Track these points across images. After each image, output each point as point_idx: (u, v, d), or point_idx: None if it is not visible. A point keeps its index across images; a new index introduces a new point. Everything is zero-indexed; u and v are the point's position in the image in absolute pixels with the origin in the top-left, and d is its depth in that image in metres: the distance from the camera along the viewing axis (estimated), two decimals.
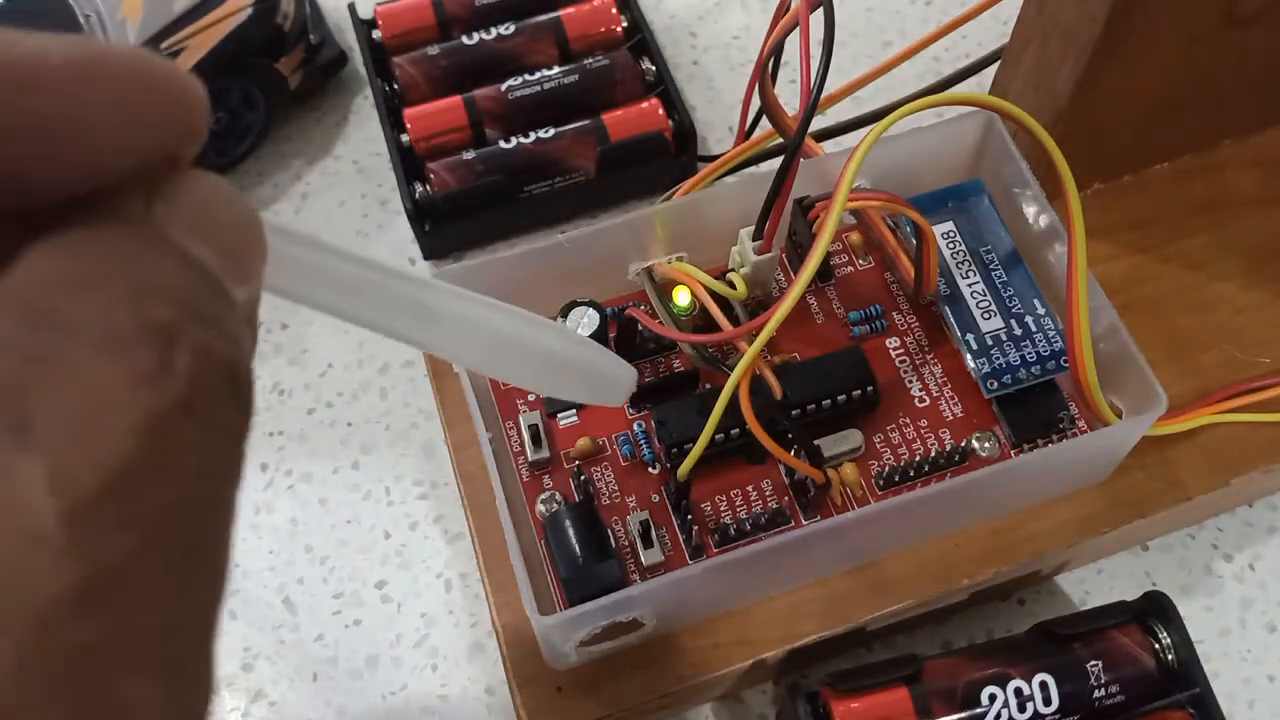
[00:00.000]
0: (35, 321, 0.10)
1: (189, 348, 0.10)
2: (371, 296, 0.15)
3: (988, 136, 0.34)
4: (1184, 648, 0.29)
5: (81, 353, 0.10)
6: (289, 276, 0.13)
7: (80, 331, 0.10)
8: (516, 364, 0.18)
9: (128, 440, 0.10)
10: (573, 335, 0.20)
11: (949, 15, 0.40)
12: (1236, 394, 0.32)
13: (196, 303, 0.11)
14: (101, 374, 0.10)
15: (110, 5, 0.38)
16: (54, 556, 0.09)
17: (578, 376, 0.20)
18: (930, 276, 0.31)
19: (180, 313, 0.10)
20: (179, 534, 0.10)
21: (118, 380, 0.10)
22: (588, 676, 0.29)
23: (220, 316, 0.11)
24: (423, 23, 0.42)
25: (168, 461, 0.10)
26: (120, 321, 0.10)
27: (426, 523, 0.35)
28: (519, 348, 0.18)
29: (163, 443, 0.10)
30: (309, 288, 0.14)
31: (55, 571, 0.09)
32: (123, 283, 0.10)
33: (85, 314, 0.10)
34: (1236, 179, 0.37)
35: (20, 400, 0.09)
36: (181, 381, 0.10)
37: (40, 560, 0.09)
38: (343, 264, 0.14)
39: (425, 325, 0.16)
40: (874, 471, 0.31)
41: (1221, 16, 0.31)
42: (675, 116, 0.40)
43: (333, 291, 0.14)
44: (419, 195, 0.38)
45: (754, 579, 0.29)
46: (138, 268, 0.10)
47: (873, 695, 0.28)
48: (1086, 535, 0.31)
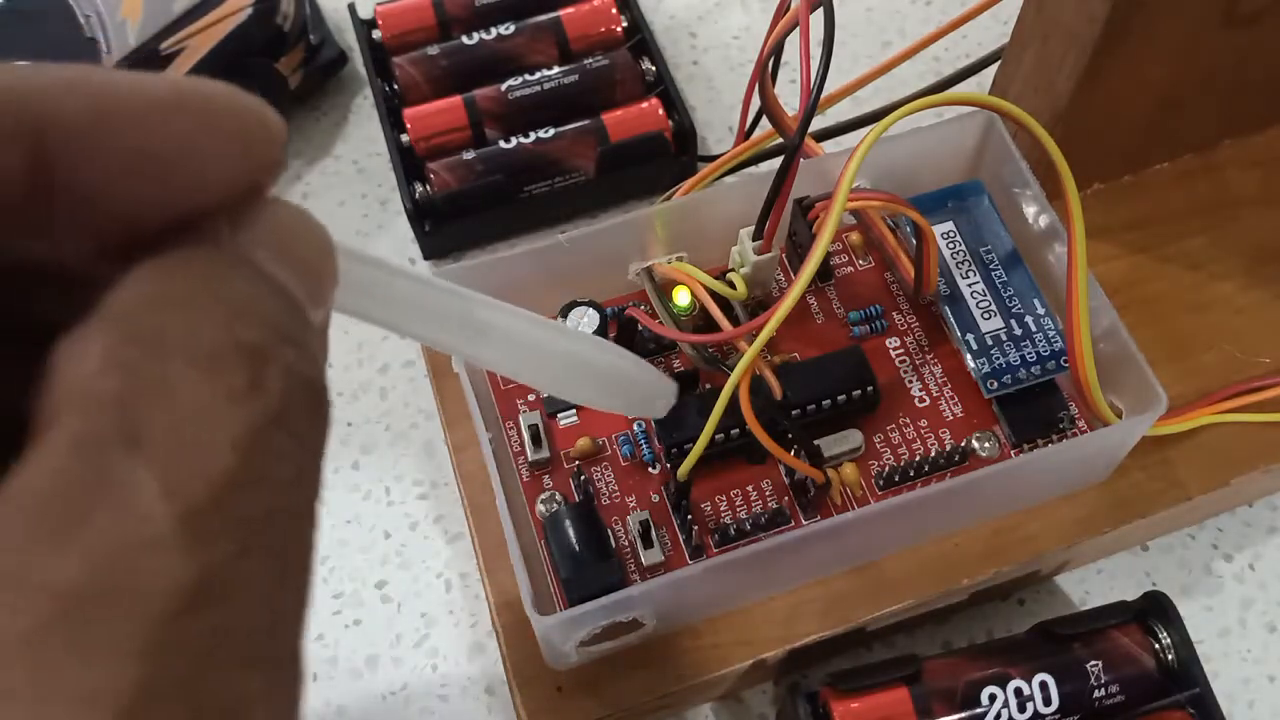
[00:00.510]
0: (141, 341, 0.10)
1: (278, 367, 0.11)
2: (432, 314, 0.16)
3: (988, 136, 0.34)
4: (1184, 648, 0.29)
5: (184, 371, 0.10)
6: (353, 296, 0.14)
7: (182, 351, 0.10)
8: (568, 379, 0.19)
9: (229, 452, 0.10)
10: (620, 350, 0.21)
11: (949, 15, 0.40)
12: (1236, 394, 0.32)
13: (282, 324, 0.11)
14: (203, 391, 0.10)
15: (110, 5, 0.38)
16: (172, 557, 0.10)
17: (624, 391, 0.21)
18: (930, 276, 0.31)
19: (269, 334, 0.11)
20: (277, 538, 0.11)
21: (218, 397, 0.10)
22: (588, 676, 0.29)
23: (302, 337, 0.12)
24: (423, 23, 0.42)
25: (264, 472, 0.11)
26: (217, 342, 0.11)
27: (426, 523, 0.35)
28: (570, 363, 0.19)
29: (259, 455, 0.11)
30: (375, 308, 0.15)
31: (174, 571, 0.10)
32: (218, 305, 0.11)
33: (186, 334, 0.10)
34: (1236, 179, 0.37)
35: (131, 414, 0.10)
36: (273, 398, 0.11)
37: (160, 560, 0.10)
38: (407, 284, 0.15)
39: (480, 341, 0.17)
40: (874, 471, 0.31)
41: (1222, 16, 0.31)
42: (675, 116, 0.40)
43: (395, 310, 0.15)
44: (419, 195, 0.38)
45: (754, 579, 0.29)
46: (229, 291, 0.11)
47: (873, 695, 0.28)
48: (1086, 535, 0.31)
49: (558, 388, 0.21)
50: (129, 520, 0.09)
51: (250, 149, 0.12)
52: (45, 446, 0.10)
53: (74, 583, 0.09)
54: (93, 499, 0.09)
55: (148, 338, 0.10)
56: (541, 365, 0.19)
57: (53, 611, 0.09)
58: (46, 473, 0.09)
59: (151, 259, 0.11)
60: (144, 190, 0.11)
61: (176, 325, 0.11)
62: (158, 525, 0.10)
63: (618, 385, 0.21)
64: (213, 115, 0.11)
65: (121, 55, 0.38)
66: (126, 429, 0.10)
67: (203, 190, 0.11)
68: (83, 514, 0.09)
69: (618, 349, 0.21)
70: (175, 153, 0.11)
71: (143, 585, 0.09)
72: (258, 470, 0.10)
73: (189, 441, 0.10)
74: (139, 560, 0.09)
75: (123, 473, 0.10)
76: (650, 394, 0.22)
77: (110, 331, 0.10)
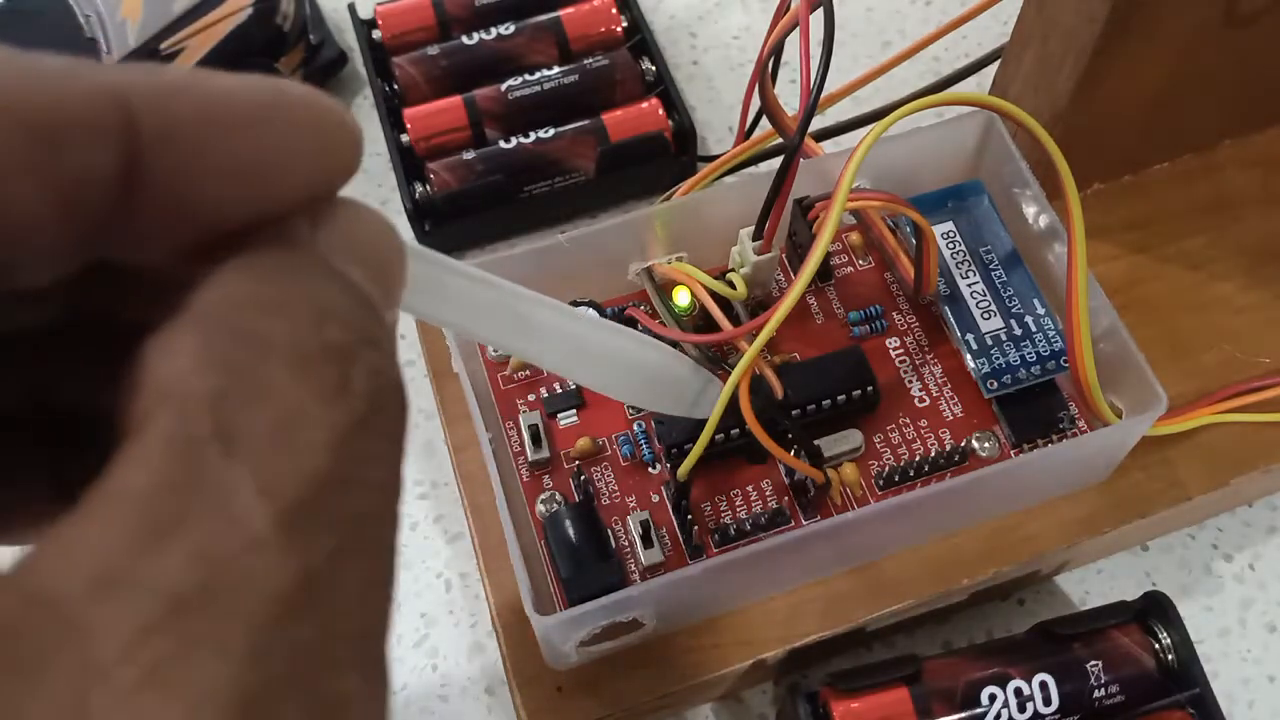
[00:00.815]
0: (234, 340, 0.10)
1: (363, 367, 0.11)
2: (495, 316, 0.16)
3: (988, 136, 0.34)
4: (1184, 648, 0.29)
5: (277, 371, 0.10)
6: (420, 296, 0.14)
7: (275, 351, 0.10)
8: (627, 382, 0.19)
9: (323, 453, 0.10)
10: (676, 354, 0.21)
11: (949, 15, 0.40)
12: (1236, 394, 0.32)
13: (363, 325, 0.11)
14: (295, 391, 0.10)
15: (110, 5, 0.38)
16: (270, 557, 0.10)
17: (678, 392, 0.21)
18: (930, 276, 0.31)
19: (353, 335, 0.11)
20: (369, 539, 0.11)
21: (310, 397, 0.10)
22: (588, 676, 0.29)
23: (380, 338, 0.12)
24: (423, 23, 0.42)
25: (355, 472, 0.11)
26: (308, 342, 0.11)
27: (426, 523, 0.35)
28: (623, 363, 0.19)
29: (351, 455, 0.11)
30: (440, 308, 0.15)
31: (275, 571, 0.10)
32: (305, 305, 0.11)
33: (276, 334, 0.11)
34: (1236, 179, 0.37)
35: (226, 414, 0.10)
36: (361, 399, 0.11)
37: (260, 560, 0.10)
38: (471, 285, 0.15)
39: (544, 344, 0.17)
40: (874, 471, 0.31)
41: (1222, 16, 0.31)
42: (675, 116, 0.40)
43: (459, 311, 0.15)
44: (419, 195, 0.38)
45: (754, 579, 0.29)
46: (315, 292, 0.11)
47: (873, 695, 0.28)
48: (1086, 535, 0.31)
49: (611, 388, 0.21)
50: (228, 520, 0.09)
51: (333, 151, 0.12)
52: (141, 446, 0.10)
53: (179, 583, 0.09)
54: (192, 499, 0.09)
55: (241, 337, 0.10)
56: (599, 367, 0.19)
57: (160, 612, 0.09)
58: (144, 473, 0.09)
59: (238, 259, 0.11)
60: (235, 192, 0.11)
61: (268, 325, 0.11)
62: (256, 525, 0.10)
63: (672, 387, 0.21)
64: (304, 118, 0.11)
65: (121, 55, 0.38)
66: (222, 428, 0.10)
67: (290, 192, 0.11)
68: (183, 514, 0.09)
69: (675, 351, 0.21)
70: (270, 156, 0.11)
71: (245, 585, 0.09)
72: (350, 471, 0.11)
73: (284, 441, 0.10)
74: (240, 560, 0.09)
75: (220, 472, 0.10)
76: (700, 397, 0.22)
77: (201, 330, 0.10)
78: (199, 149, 0.11)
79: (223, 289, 0.11)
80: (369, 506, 0.11)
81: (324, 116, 0.12)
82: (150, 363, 0.10)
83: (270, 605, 0.09)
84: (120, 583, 0.09)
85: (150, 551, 0.09)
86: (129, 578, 0.09)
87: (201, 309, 0.10)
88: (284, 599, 0.10)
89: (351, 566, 0.10)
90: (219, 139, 0.11)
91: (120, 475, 0.10)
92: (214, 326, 0.10)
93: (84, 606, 0.09)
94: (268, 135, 0.11)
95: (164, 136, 0.10)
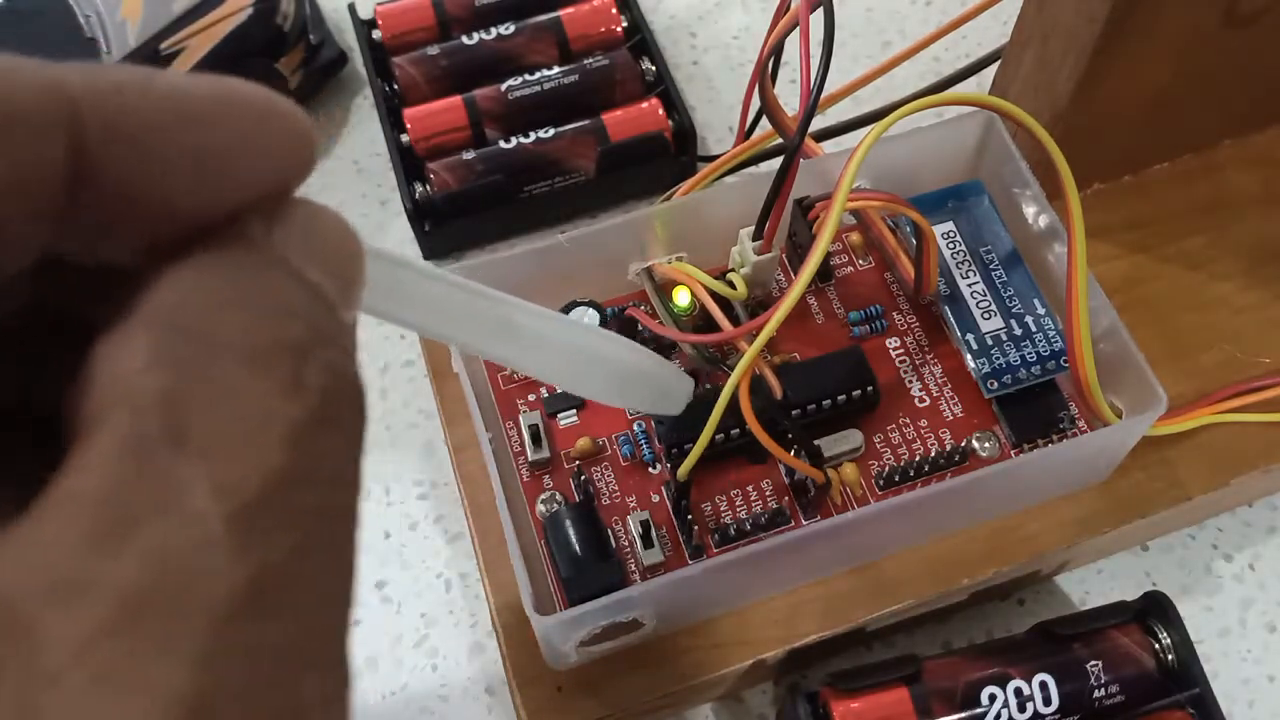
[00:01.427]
0: (187, 339, 0.10)
1: (319, 364, 0.11)
2: (457, 316, 0.16)
3: (988, 136, 0.34)
4: (1184, 648, 0.29)
5: (230, 368, 0.10)
6: (381, 297, 0.14)
7: (228, 349, 0.10)
8: (591, 378, 0.19)
9: (277, 449, 0.10)
10: (640, 349, 0.21)
11: (949, 15, 0.40)
12: (1236, 394, 0.32)
13: (319, 322, 0.11)
14: (249, 388, 0.10)
15: (110, 5, 0.38)
16: (224, 557, 0.09)
17: (644, 387, 0.21)
18: (930, 276, 0.31)
19: (308, 332, 0.11)
20: (328, 537, 0.11)
21: (264, 393, 0.10)
22: (588, 676, 0.29)
23: (337, 336, 0.12)
24: (423, 23, 0.42)
25: (312, 469, 0.11)
26: (262, 339, 0.11)
27: (426, 523, 0.35)
28: (594, 362, 0.19)
29: (307, 451, 0.10)
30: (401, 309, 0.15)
31: (227, 572, 0.09)
32: (259, 302, 0.11)
33: (230, 332, 0.10)
34: (1236, 179, 0.37)
35: (178, 413, 0.10)
36: (316, 396, 0.11)
37: (212, 561, 0.09)
38: (433, 285, 0.15)
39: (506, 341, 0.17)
40: (874, 471, 0.31)
41: (1221, 16, 0.31)
42: (675, 116, 0.40)
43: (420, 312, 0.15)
44: (419, 195, 0.38)
45: (754, 579, 0.29)
46: (270, 289, 0.11)
47: (873, 695, 0.28)
48: (1086, 535, 0.31)
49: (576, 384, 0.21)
50: (180, 520, 0.09)
51: (286, 150, 0.12)
52: (92, 447, 0.10)
53: (132, 585, 0.09)
54: (144, 500, 0.09)
55: (193, 335, 0.10)
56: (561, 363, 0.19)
57: (113, 615, 0.09)
58: (96, 474, 0.09)
59: (190, 257, 0.11)
60: (184, 188, 0.11)
61: (221, 323, 0.10)
62: (210, 525, 0.09)
63: (638, 382, 0.21)
64: (253, 116, 0.11)
65: (121, 55, 0.38)
66: (173, 427, 0.10)
67: (240, 190, 0.11)
68: (136, 516, 0.09)
69: (639, 347, 0.21)
70: (219, 153, 0.11)
71: (198, 585, 0.09)
72: (306, 468, 0.10)
73: (238, 439, 0.10)
74: (194, 561, 0.09)
75: (172, 471, 0.10)
76: (669, 390, 0.22)
77: (153, 329, 0.10)
78: (147, 143, 0.11)
79: (174, 287, 0.11)
80: (327, 503, 0.11)
81: (275, 115, 0.12)
82: (100, 363, 0.10)
83: (226, 605, 0.09)
84: (72, 585, 0.09)
85: (102, 553, 0.09)
86: (81, 580, 0.09)
87: (152, 307, 0.10)
88: (240, 598, 0.09)
89: (310, 565, 0.10)
90: (166, 134, 0.11)
91: (72, 477, 0.09)
92: (164, 325, 0.10)
93: (36, 609, 0.09)
94: (216, 131, 0.11)
95: (111, 131, 0.10)
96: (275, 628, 0.10)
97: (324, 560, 0.11)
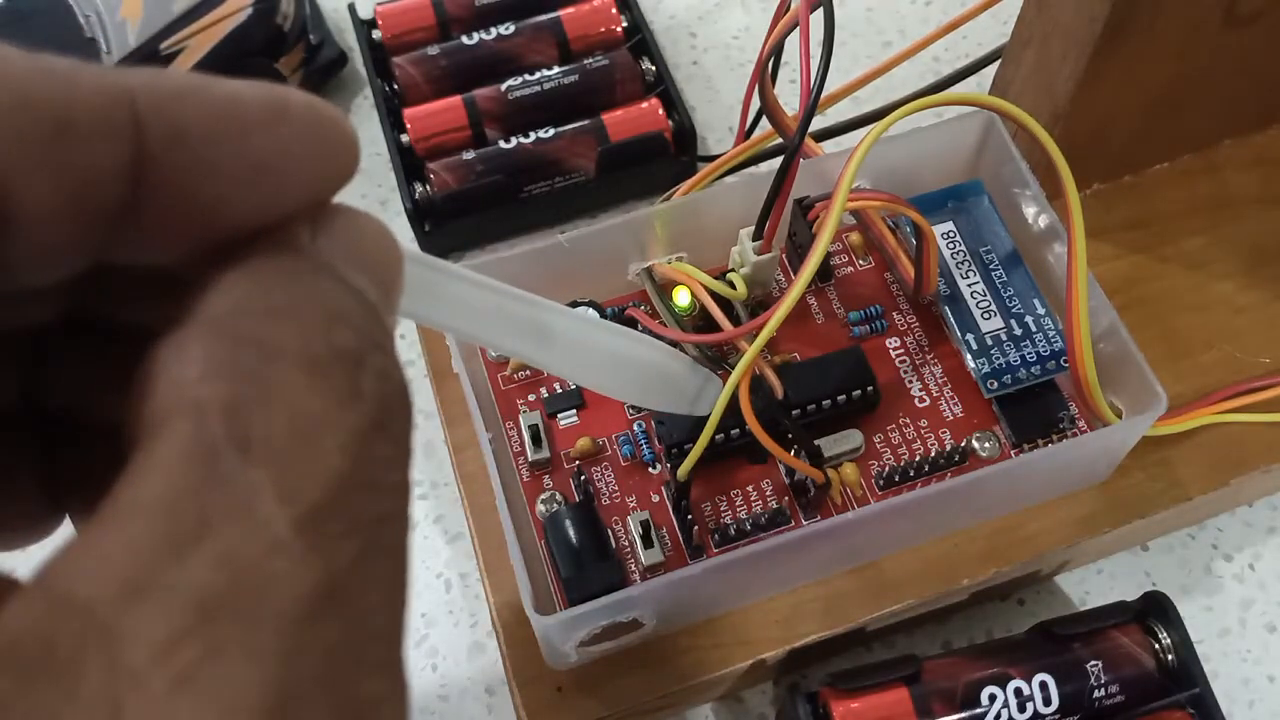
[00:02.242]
0: (246, 345, 0.10)
1: (371, 371, 0.11)
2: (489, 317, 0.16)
3: (988, 136, 0.34)
4: (1184, 648, 0.29)
5: (289, 375, 0.10)
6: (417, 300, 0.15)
7: (287, 355, 0.10)
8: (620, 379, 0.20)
9: (338, 455, 0.10)
10: (671, 350, 0.21)
11: (949, 15, 0.40)
12: (1236, 394, 0.32)
13: (369, 329, 0.11)
14: (309, 395, 0.10)
15: (110, 5, 0.38)
16: (294, 561, 0.10)
17: (673, 388, 0.21)
18: (930, 276, 0.31)
19: (361, 339, 0.11)
20: (386, 542, 0.11)
21: (323, 400, 0.10)
22: (588, 676, 0.29)
23: (385, 341, 0.12)
24: (423, 23, 0.42)
25: (371, 475, 0.11)
26: (318, 346, 0.11)
27: (426, 523, 0.35)
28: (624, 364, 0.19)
29: (365, 457, 0.11)
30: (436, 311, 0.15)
31: (298, 574, 0.10)
32: (314, 310, 0.11)
33: (287, 339, 0.11)
34: (1236, 179, 0.37)
35: (241, 419, 0.10)
36: (371, 403, 0.11)
37: (283, 564, 0.10)
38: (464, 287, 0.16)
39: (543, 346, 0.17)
40: (874, 471, 0.31)
41: (1221, 16, 0.31)
42: (675, 116, 0.40)
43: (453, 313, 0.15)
44: (419, 195, 0.38)
45: (754, 579, 0.29)
46: (322, 296, 0.11)
47: (873, 695, 0.28)
48: (1086, 535, 0.31)
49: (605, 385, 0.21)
50: (251, 525, 0.09)
51: (333, 156, 0.12)
52: (157, 453, 0.10)
53: (207, 588, 0.09)
54: (213, 504, 0.09)
55: (251, 343, 0.10)
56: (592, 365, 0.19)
57: (190, 617, 0.09)
58: (164, 479, 0.10)
59: (243, 264, 0.11)
60: (240, 194, 0.11)
61: (278, 330, 0.11)
62: (278, 530, 0.10)
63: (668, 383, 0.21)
64: (306, 123, 0.11)
65: (121, 55, 0.38)
66: (238, 433, 0.10)
67: (291, 196, 0.11)
68: (205, 520, 0.09)
69: (669, 348, 0.21)
70: (275, 159, 0.11)
71: (272, 588, 0.09)
72: (366, 474, 0.11)
73: (301, 445, 0.10)
74: (265, 564, 0.09)
75: (239, 477, 0.10)
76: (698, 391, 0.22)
77: (211, 336, 0.10)
78: (207, 150, 0.11)
79: (230, 295, 0.11)
80: (386, 509, 0.11)
81: (325, 122, 0.12)
82: (161, 369, 0.10)
83: (297, 607, 0.09)
84: (148, 588, 0.09)
85: (176, 557, 0.09)
86: (157, 583, 0.09)
87: (210, 315, 0.11)
88: (310, 601, 0.10)
89: (373, 569, 0.10)
90: (226, 141, 0.11)
91: (139, 482, 0.10)
92: (224, 332, 0.10)
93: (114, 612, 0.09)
94: (273, 139, 0.11)
95: (173, 136, 0.11)
96: (346, 629, 0.10)
97: (383, 564, 0.11)
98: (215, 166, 0.11)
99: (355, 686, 0.10)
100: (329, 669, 0.10)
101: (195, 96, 0.11)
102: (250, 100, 0.11)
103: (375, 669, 0.10)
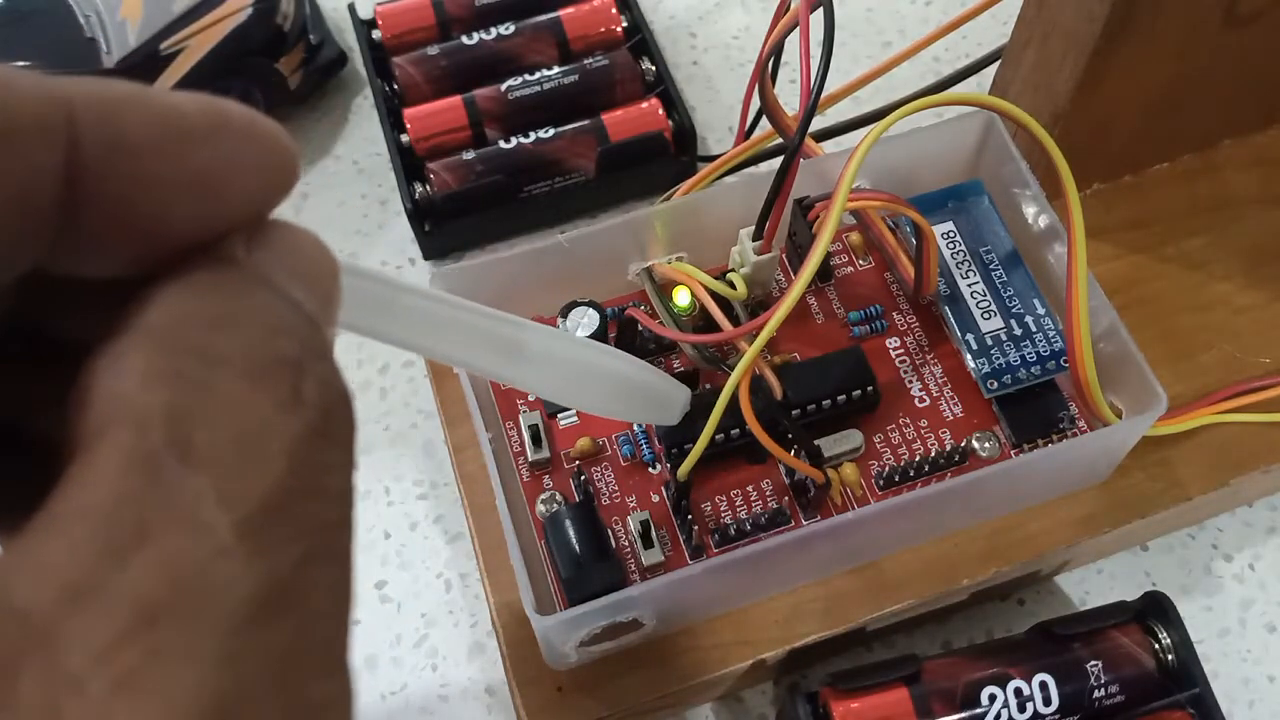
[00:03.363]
0: (186, 354, 0.10)
1: (313, 378, 0.11)
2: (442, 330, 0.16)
3: (988, 136, 0.34)
4: (1184, 648, 0.29)
5: (230, 383, 0.10)
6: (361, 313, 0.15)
7: (226, 364, 0.10)
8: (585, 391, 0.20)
9: (280, 461, 0.10)
10: (635, 361, 0.21)
11: (949, 15, 0.40)
12: (1236, 394, 0.32)
13: (308, 339, 0.12)
14: (250, 402, 0.10)
15: (110, 5, 0.38)
16: (235, 565, 0.10)
17: (641, 399, 0.21)
18: (930, 276, 0.31)
19: (301, 347, 0.11)
20: (329, 547, 0.11)
21: (265, 407, 0.10)
22: (588, 676, 0.29)
23: (325, 351, 0.12)
24: (423, 23, 0.42)
25: (315, 481, 0.11)
26: (259, 354, 0.11)
27: (426, 523, 0.35)
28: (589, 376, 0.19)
29: (307, 463, 0.11)
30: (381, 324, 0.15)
31: (241, 579, 0.10)
32: (253, 320, 0.11)
33: (227, 348, 0.11)
34: (1236, 179, 0.37)
35: (181, 426, 0.10)
36: (314, 410, 0.11)
37: (225, 568, 0.10)
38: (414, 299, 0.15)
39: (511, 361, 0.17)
40: (874, 471, 0.31)
41: (1221, 16, 0.31)
42: (675, 116, 0.40)
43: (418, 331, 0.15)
44: (419, 195, 0.38)
45: (754, 579, 0.29)
46: (261, 307, 0.11)
47: (873, 695, 0.28)
48: (1086, 535, 0.31)
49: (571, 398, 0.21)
50: (192, 529, 0.10)
51: (271, 170, 0.12)
52: (96, 461, 0.10)
53: (148, 592, 0.09)
54: (154, 510, 0.09)
55: (191, 351, 0.10)
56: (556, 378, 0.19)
57: (130, 621, 0.09)
58: (104, 486, 0.10)
59: (180, 277, 0.11)
60: (179, 204, 0.11)
61: (220, 339, 0.11)
62: (220, 535, 0.10)
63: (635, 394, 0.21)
64: (246, 136, 0.11)
65: (121, 55, 0.38)
66: (179, 440, 0.10)
67: (229, 208, 0.11)
68: (146, 525, 0.09)
69: (633, 359, 0.21)
70: (215, 171, 0.11)
71: (213, 592, 0.09)
72: (307, 480, 0.11)
73: (242, 451, 0.10)
74: (206, 569, 0.09)
75: (180, 483, 0.10)
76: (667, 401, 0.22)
77: (151, 345, 0.10)
78: (145, 159, 0.11)
79: (168, 306, 0.11)
80: (330, 514, 0.11)
81: (264, 135, 0.12)
82: (99, 379, 0.10)
83: (240, 611, 0.10)
84: (87, 593, 0.09)
85: (116, 562, 0.09)
86: (96, 588, 0.09)
87: (148, 325, 0.11)
88: (253, 605, 0.10)
89: (318, 573, 0.11)
90: (165, 151, 0.11)
91: (78, 490, 0.10)
92: (163, 342, 0.10)
93: (54, 618, 0.09)
94: (212, 150, 0.11)
95: (110, 145, 0.10)
96: (285, 634, 0.10)
97: (327, 569, 0.11)
98: (154, 176, 0.11)
99: (302, 689, 0.10)
100: (275, 672, 0.10)
101: (134, 106, 0.11)
102: (190, 111, 0.11)
103: (322, 672, 0.10)
